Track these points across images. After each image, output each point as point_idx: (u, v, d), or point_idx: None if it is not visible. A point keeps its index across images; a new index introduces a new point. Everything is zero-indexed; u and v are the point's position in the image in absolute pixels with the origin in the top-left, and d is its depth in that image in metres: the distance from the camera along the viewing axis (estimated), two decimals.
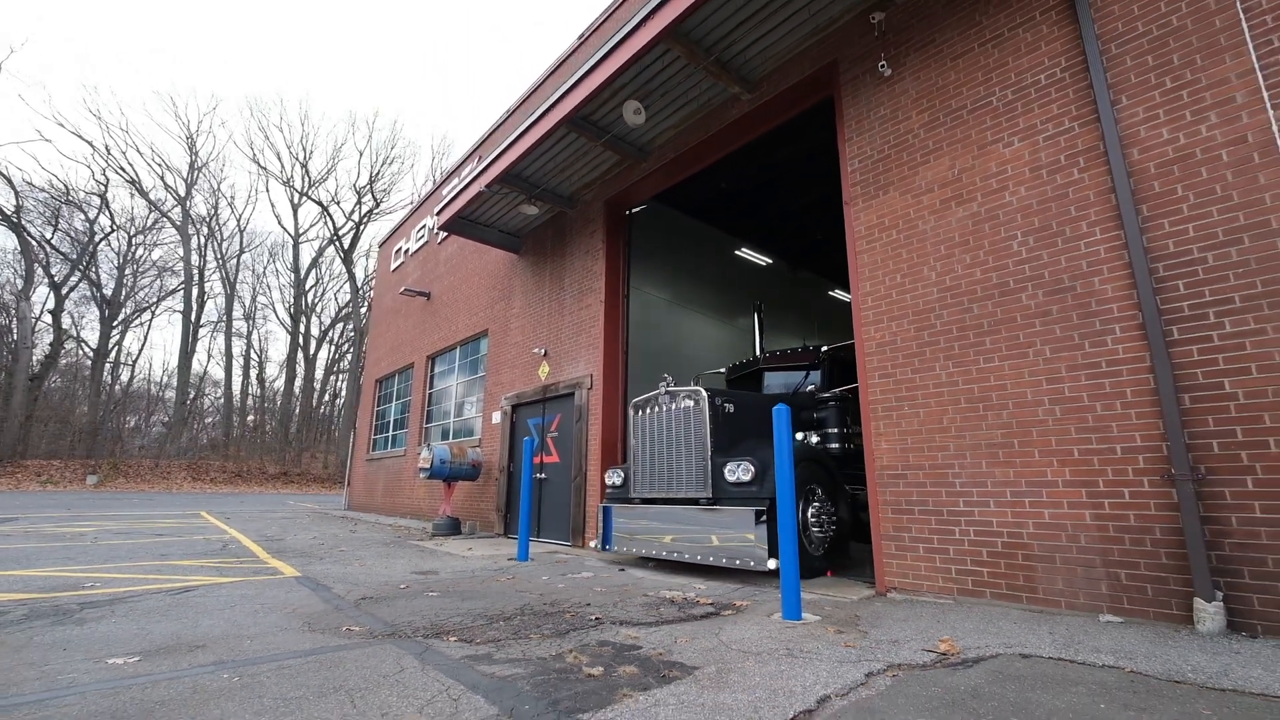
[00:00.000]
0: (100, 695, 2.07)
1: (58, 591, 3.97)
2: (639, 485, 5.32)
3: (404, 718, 1.86)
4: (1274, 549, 2.75)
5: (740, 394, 5.29)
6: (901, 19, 4.67)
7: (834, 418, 5.50)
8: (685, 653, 2.60)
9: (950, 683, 2.19)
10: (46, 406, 29.66)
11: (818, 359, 6.06)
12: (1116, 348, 3.32)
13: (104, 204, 33.30)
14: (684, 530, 4.75)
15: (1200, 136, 3.19)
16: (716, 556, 4.41)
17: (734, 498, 4.45)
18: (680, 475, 4.93)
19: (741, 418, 5.05)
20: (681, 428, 5.00)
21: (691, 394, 5.01)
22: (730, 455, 4.64)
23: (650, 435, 5.28)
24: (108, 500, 17.09)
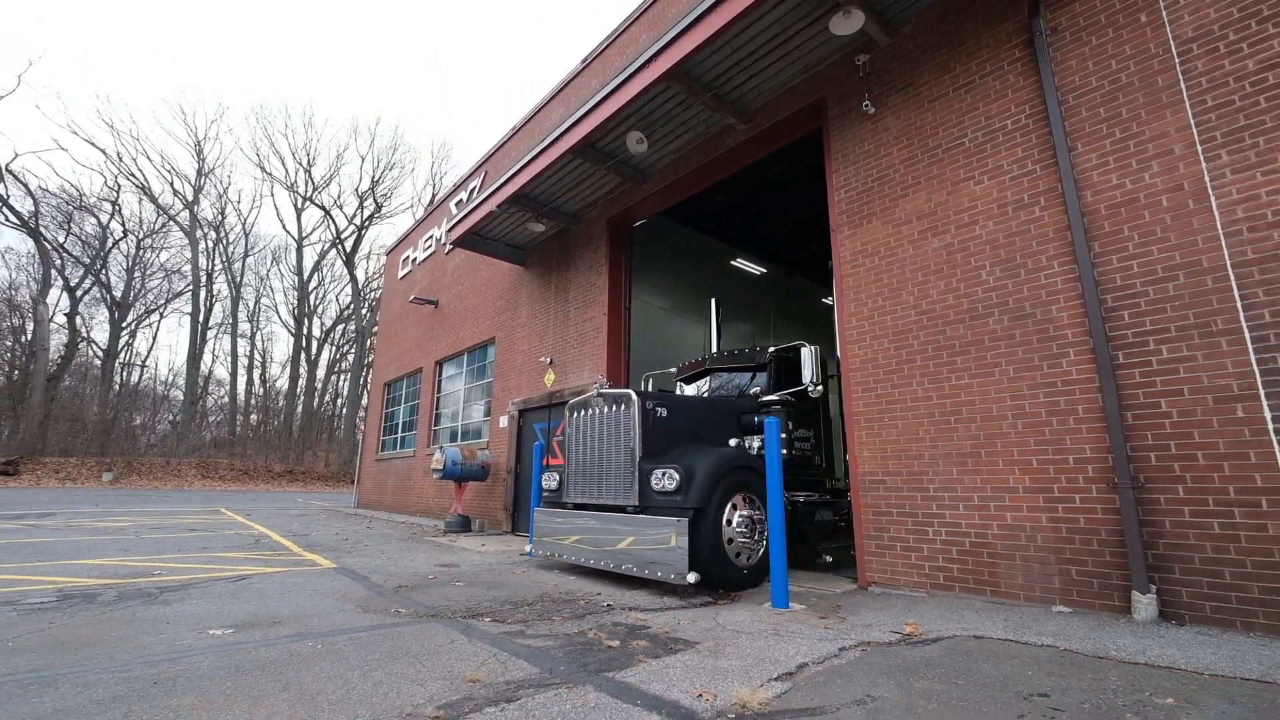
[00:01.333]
0: (218, 656, 2.51)
1: (132, 578, 4.43)
2: (571, 490, 5.08)
3: (466, 673, 2.29)
4: (1200, 549, 3.17)
5: (675, 397, 5.09)
6: (884, 62, 5.10)
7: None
8: (687, 632, 3.03)
9: (909, 655, 2.62)
10: (59, 406, 30.23)
11: (764, 361, 5.83)
12: (1070, 369, 3.75)
13: (116, 209, 33.90)
14: (611, 538, 4.49)
15: (1144, 183, 3.61)
16: (639, 567, 4.17)
17: (660, 506, 4.22)
18: (609, 481, 4.67)
19: (677, 422, 4.80)
20: (611, 432, 4.73)
21: (621, 397, 4.73)
22: (660, 461, 4.41)
23: (583, 438, 5.03)
24: (128, 497, 17.58)
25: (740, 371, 6.08)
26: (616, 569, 4.35)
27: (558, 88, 9.87)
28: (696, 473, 4.16)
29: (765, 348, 5.95)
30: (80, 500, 15.30)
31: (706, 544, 4.02)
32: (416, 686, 2.21)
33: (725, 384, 6.16)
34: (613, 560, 4.41)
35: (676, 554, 3.92)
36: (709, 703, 2.05)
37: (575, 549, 4.83)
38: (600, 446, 4.84)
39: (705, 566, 3.98)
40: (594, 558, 4.60)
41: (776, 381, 5.69)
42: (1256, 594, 2.95)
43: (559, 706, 2.01)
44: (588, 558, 4.67)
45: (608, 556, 4.46)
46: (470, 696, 2.11)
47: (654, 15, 7.98)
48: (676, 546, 3.93)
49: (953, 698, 2.11)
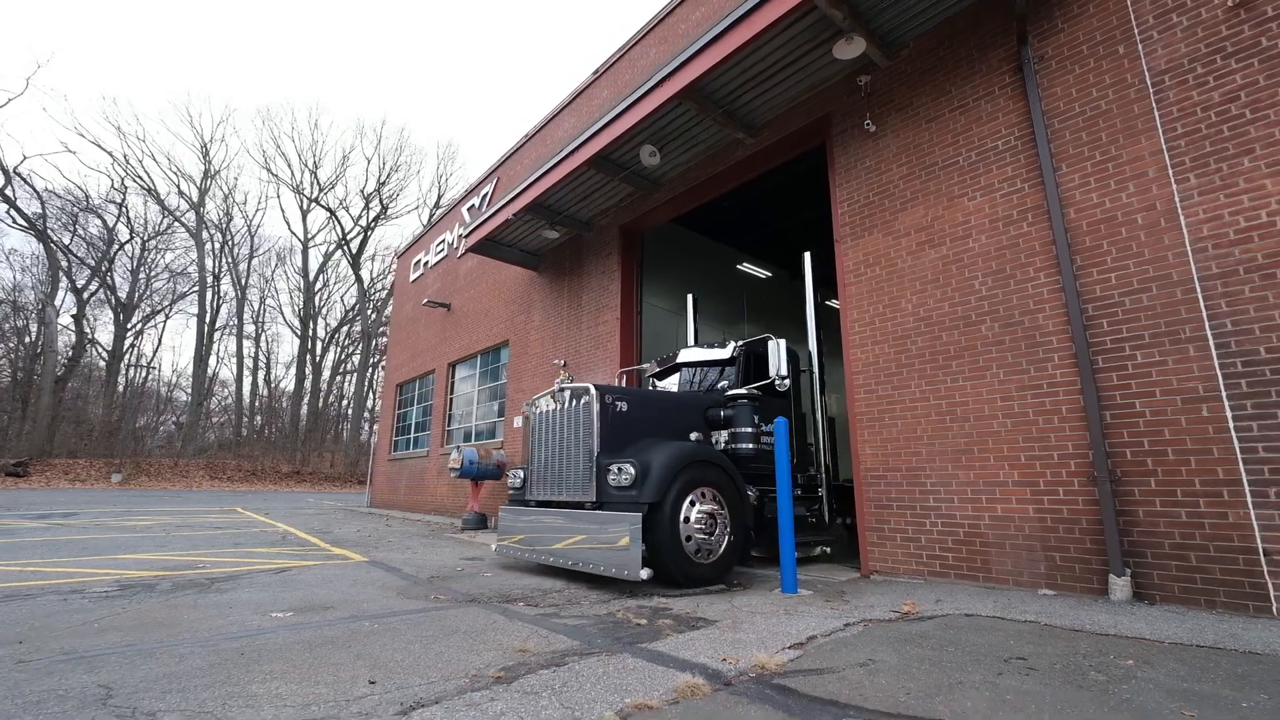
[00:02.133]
0: (287, 634, 2.84)
1: (180, 570, 4.75)
2: (534, 487, 5.01)
3: (515, 645, 2.62)
4: (1169, 535, 3.50)
5: (638, 392, 5.03)
6: (884, 83, 5.42)
7: (744, 417, 5.12)
8: (707, 612, 3.36)
9: (906, 629, 2.95)
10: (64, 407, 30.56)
11: (733, 355, 5.79)
12: (1055, 372, 4.07)
13: (123, 212, 34.22)
14: (570, 536, 4.44)
15: (1121, 202, 3.94)
16: (596, 564, 4.11)
17: (616, 502, 4.17)
18: (570, 478, 4.62)
19: (638, 417, 4.72)
20: (571, 427, 4.67)
21: (580, 391, 4.67)
22: (618, 456, 4.33)
23: (545, 434, 4.97)
24: (142, 498, 17.91)
25: (710, 366, 6.00)
26: (575, 567, 4.28)
27: (569, 98, 10.19)
28: (652, 467, 4.09)
29: (737, 341, 5.92)
30: (96, 501, 15.61)
31: (663, 539, 3.95)
32: (474, 655, 2.54)
33: (696, 379, 6.07)
34: (571, 558, 4.34)
35: (629, 550, 3.83)
36: (732, 665, 2.38)
37: (537, 547, 4.75)
38: (561, 443, 4.76)
39: (661, 562, 3.93)
40: (554, 556, 4.52)
41: (745, 375, 5.61)
42: (1218, 575, 3.28)
43: (602, 668, 2.34)
44: (548, 556, 4.58)
45: (567, 554, 4.39)
46: (523, 662, 2.43)
47: (664, 31, 8.30)
48: (629, 543, 3.84)
49: (942, 660, 2.44)
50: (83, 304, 32.68)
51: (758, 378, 5.51)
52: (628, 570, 3.83)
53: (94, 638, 2.82)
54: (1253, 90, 3.51)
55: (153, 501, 16.13)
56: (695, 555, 4.15)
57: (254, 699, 2.01)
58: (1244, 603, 3.18)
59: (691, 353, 6.25)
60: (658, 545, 3.97)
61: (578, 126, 9.96)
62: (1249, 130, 3.49)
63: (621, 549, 3.92)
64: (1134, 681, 2.17)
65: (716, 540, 4.31)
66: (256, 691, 2.08)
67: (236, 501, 17.38)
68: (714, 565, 4.25)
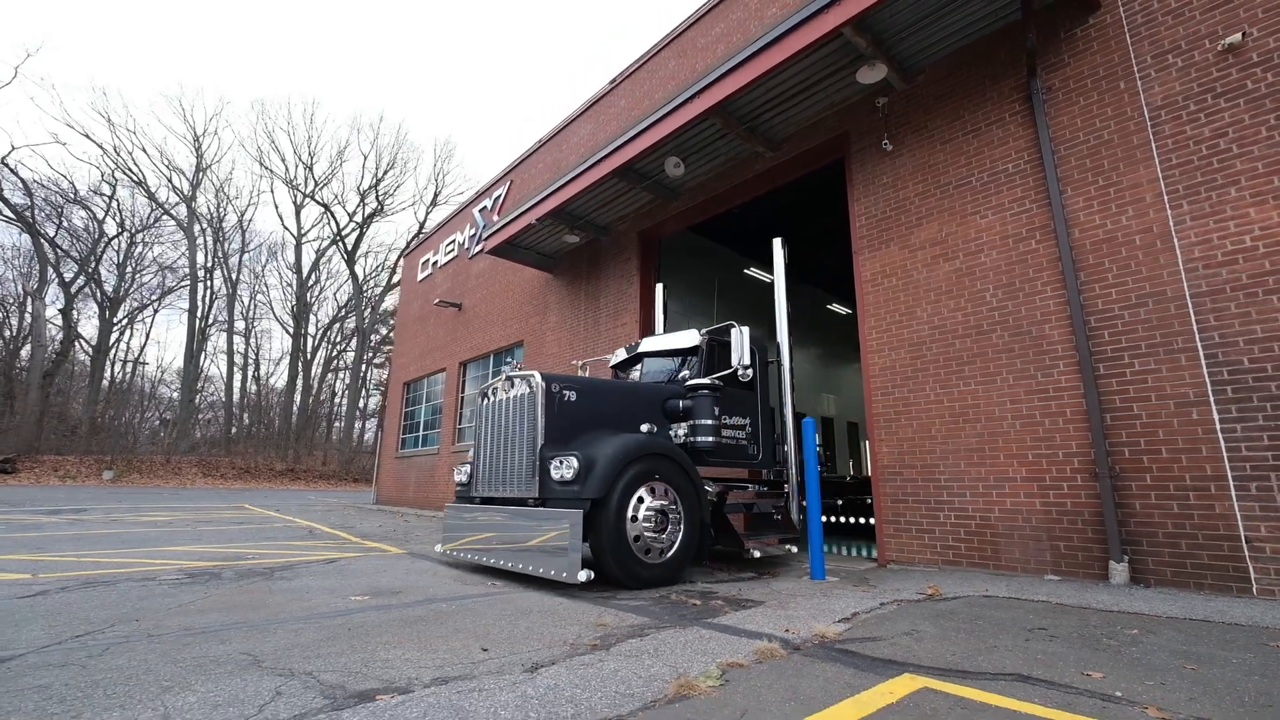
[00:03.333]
0: (377, 613, 3.11)
1: (232, 561, 4.98)
2: (479, 483, 4.75)
3: (593, 621, 2.93)
4: (1163, 525, 3.90)
5: (589, 380, 4.74)
6: (901, 106, 5.80)
7: (704, 408, 4.83)
8: (751, 594, 3.69)
9: (936, 607, 3.31)
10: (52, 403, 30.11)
11: (696, 344, 5.46)
12: (1060, 378, 4.47)
13: (112, 205, 33.74)
14: (513, 534, 4.21)
15: (1121, 224, 4.34)
16: (536, 566, 3.89)
17: (559, 498, 3.93)
18: (514, 472, 4.35)
19: (590, 407, 4.48)
20: (515, 418, 4.41)
21: (525, 379, 4.41)
22: (564, 449, 4.09)
23: (491, 426, 4.69)
24: (141, 495, 17.84)
25: (673, 355, 5.67)
26: (514, 568, 4.08)
27: (585, 105, 10.48)
28: (597, 460, 3.85)
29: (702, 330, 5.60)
30: (96, 498, 15.56)
31: (608, 538, 3.77)
32: (561, 628, 2.84)
33: (660, 369, 5.72)
34: (512, 560, 4.13)
35: (567, 550, 3.63)
36: (795, 634, 2.71)
37: (478, 549, 4.53)
38: (506, 435, 4.47)
39: (605, 562, 3.79)
40: (496, 557, 4.31)
41: (709, 365, 5.30)
42: (1206, 560, 3.68)
43: (683, 638, 2.66)
44: (490, 557, 4.37)
45: (508, 555, 4.18)
46: (610, 634, 2.74)
47: (683, 44, 8.62)
48: (568, 541, 3.63)
49: (975, 630, 2.79)
50: (70, 298, 32.20)
51: (722, 368, 5.18)
52: (565, 573, 3.61)
53: (200, 616, 3.06)
54: (1239, 128, 3.93)
55: (154, 499, 16.11)
56: (644, 554, 3.93)
57: (388, 663, 2.29)
58: (1228, 584, 3.59)
59: (653, 341, 5.91)
60: (602, 544, 3.77)
61: (594, 133, 10.26)
62: (1235, 164, 3.91)
63: (560, 549, 3.69)
64: (1141, 645, 2.54)
65: (668, 538, 4.09)
66: (386, 657, 2.36)
67: (240, 499, 17.40)
68: (665, 565, 4.01)
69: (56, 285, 32.02)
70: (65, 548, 5.67)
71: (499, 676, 2.09)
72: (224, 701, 1.82)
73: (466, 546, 4.71)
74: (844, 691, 1.97)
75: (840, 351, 18.57)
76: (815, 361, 17.30)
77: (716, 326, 5.54)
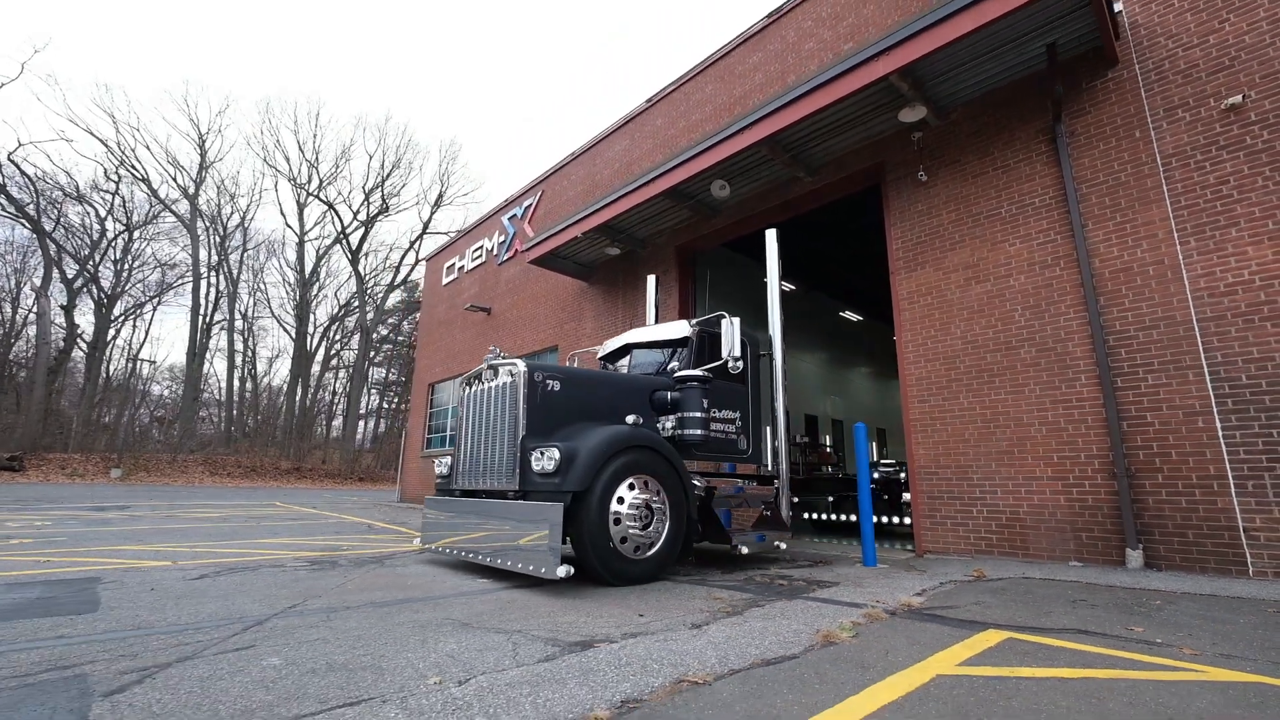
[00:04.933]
0: (509, 592, 3.63)
1: (332, 552, 5.48)
2: (460, 475, 4.64)
3: (712, 596, 3.49)
4: (1172, 518, 4.53)
5: (575, 370, 4.64)
6: (935, 141, 6.41)
7: (693, 400, 4.70)
8: (823, 578, 4.27)
9: (987, 585, 3.91)
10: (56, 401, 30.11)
11: (685, 335, 5.33)
12: (1082, 390, 5.09)
13: (118, 200, 33.72)
14: (491, 528, 4.12)
15: (1136, 256, 4.97)
16: (514, 561, 3.79)
17: (540, 490, 3.82)
18: (495, 464, 4.24)
19: (574, 397, 4.36)
20: (497, 408, 4.31)
21: (508, 367, 4.30)
22: (547, 440, 3.98)
23: (472, 416, 4.58)
24: (159, 493, 18.11)
25: (662, 347, 5.55)
26: (493, 563, 3.98)
27: (621, 121, 11.02)
28: (580, 452, 3.75)
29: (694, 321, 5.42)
30: (123, 496, 15.85)
31: (589, 532, 3.68)
32: (690, 601, 3.39)
33: (649, 361, 5.60)
34: (490, 555, 4.03)
35: (547, 544, 3.53)
36: (886, 604, 3.29)
37: (458, 543, 4.44)
38: (488, 426, 4.36)
39: (586, 557, 3.72)
40: (475, 552, 4.22)
41: (699, 357, 5.17)
42: (1210, 548, 4.32)
43: (796, 607, 3.22)
44: (470, 552, 4.27)
45: (487, 551, 4.08)
46: (732, 605, 3.29)
47: (722, 69, 9.20)
48: (548, 536, 3.53)
49: (1029, 601, 3.39)
50: (73, 294, 32.17)
51: (713, 360, 5.02)
52: (544, 568, 3.50)
53: (366, 594, 3.54)
54: (1239, 177, 4.57)
55: (181, 496, 16.43)
56: (628, 550, 3.85)
57: (572, 625, 2.81)
58: (1228, 567, 4.23)
59: (641, 332, 5.76)
60: (583, 539, 3.69)
61: (629, 149, 10.81)
62: (1236, 208, 4.55)
63: (539, 543, 3.59)
64: (1165, 611, 3.15)
65: (653, 533, 4.00)
66: (565, 620, 2.89)
67: (263, 497, 17.73)
68: (649, 561, 3.93)
69: (59, 281, 31.99)
70: (161, 540, 6.13)
71: (673, 632, 2.65)
72: (480, 649, 2.34)
73: (446, 543, 4.56)
74: (950, 640, 2.55)
75: (848, 358, 19.26)
76: (824, 365, 17.98)
77: (707, 317, 5.30)
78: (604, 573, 3.73)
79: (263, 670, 1.97)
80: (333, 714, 1.58)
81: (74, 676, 1.85)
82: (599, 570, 3.72)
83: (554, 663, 2.12)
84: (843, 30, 7.70)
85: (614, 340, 6.11)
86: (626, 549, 3.85)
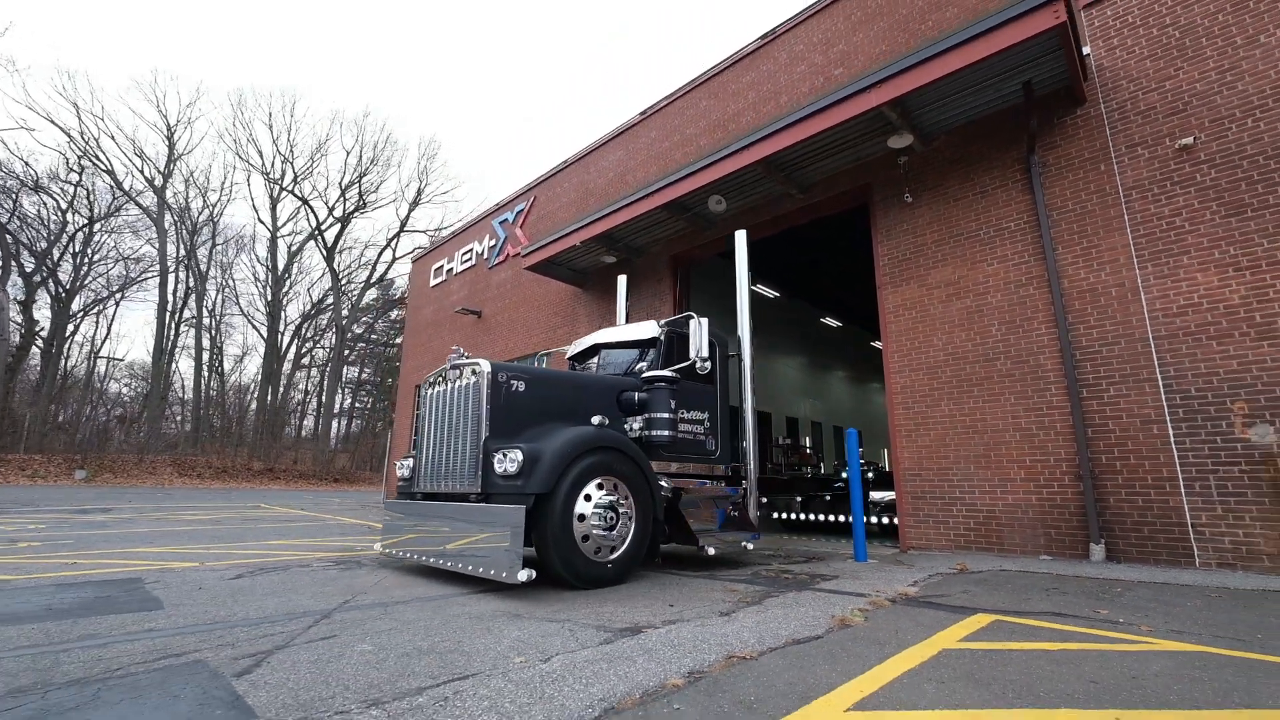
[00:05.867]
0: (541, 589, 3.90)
1: (349, 553, 5.62)
2: (422, 477, 4.55)
3: (729, 588, 3.81)
4: (1130, 515, 5.04)
5: (540, 371, 4.59)
6: (920, 165, 6.88)
7: (660, 400, 4.66)
8: (822, 573, 4.64)
9: (971, 577, 4.33)
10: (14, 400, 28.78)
11: (654, 335, 5.28)
12: (1052, 399, 5.59)
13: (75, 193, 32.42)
14: (452, 532, 4.04)
15: (1101, 279, 5.49)
16: (475, 564, 3.68)
17: (502, 493, 3.76)
18: (457, 466, 4.16)
19: (540, 398, 4.31)
20: (460, 408, 4.23)
21: (472, 367, 4.23)
22: (510, 441, 3.91)
23: (434, 418, 4.51)
24: (132, 494, 17.60)
25: (631, 347, 5.51)
26: (454, 567, 3.86)
27: (615, 132, 11.31)
28: (543, 453, 3.71)
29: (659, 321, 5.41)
30: (90, 498, 15.41)
31: (553, 535, 3.64)
32: (710, 593, 3.69)
33: (619, 361, 5.55)
34: (452, 558, 3.92)
35: (508, 548, 3.46)
36: (886, 593, 3.66)
37: (418, 547, 4.35)
38: (450, 427, 4.29)
39: (550, 559, 3.66)
40: (435, 555, 4.11)
41: (668, 358, 5.13)
42: (1162, 542, 4.84)
43: (809, 597, 3.56)
44: (431, 556, 4.16)
45: (449, 554, 3.97)
46: (749, 596, 3.61)
47: (715, 86, 9.56)
48: (510, 538, 3.46)
49: (1009, 590, 3.81)
50: (32, 289, 30.82)
51: (681, 360, 4.99)
52: (505, 573, 3.42)
53: (407, 589, 3.73)
54: (1190, 210, 5.11)
55: (152, 498, 16.01)
56: (593, 553, 3.82)
57: (614, 615, 3.08)
58: (1179, 559, 4.75)
59: (610, 332, 5.73)
60: (546, 541, 3.64)
61: (624, 160, 11.10)
62: (1187, 238, 5.09)
63: (500, 546, 3.53)
64: (1125, 596, 3.60)
65: (619, 535, 3.96)
66: (607, 610, 3.17)
67: (245, 499, 17.40)
68: (615, 564, 3.91)
69: (16, 275, 30.60)
70: (169, 542, 6.17)
71: (708, 619, 2.96)
72: (542, 635, 2.61)
73: (407, 546, 4.47)
74: (947, 621, 2.92)
75: (827, 362, 19.92)
76: (804, 369, 18.58)
77: (675, 317, 5.31)
78: (568, 576, 3.67)
79: (361, 654, 2.20)
80: (452, 685, 1.84)
81: (193, 662, 2.05)
82: (562, 574, 3.66)
83: (614, 645, 2.40)
84: (834, 55, 8.15)
85: (583, 340, 6.07)
86: (591, 551, 3.82)
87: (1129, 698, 1.84)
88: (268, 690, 1.79)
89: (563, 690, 1.79)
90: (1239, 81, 5.09)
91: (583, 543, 3.78)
